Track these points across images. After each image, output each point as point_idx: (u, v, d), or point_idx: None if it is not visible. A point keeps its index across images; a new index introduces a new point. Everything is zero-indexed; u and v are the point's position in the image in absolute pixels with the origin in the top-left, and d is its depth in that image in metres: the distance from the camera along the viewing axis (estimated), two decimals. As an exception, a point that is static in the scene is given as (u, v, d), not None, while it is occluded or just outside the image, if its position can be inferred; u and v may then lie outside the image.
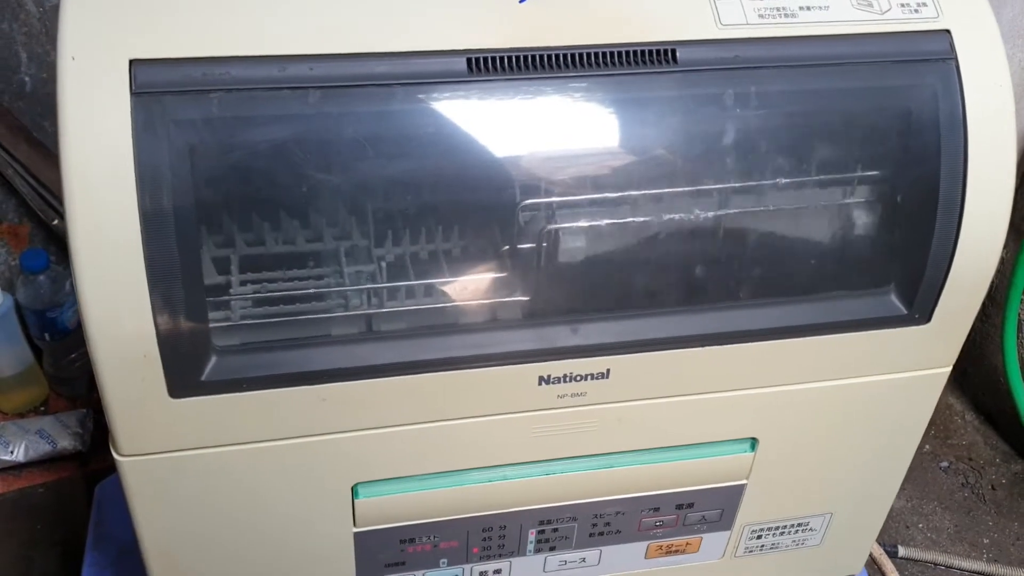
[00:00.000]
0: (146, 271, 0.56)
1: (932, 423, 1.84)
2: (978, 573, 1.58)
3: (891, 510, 1.71)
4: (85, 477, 1.27)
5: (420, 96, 0.59)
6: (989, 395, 1.89)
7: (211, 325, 0.60)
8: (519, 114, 0.60)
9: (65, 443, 1.26)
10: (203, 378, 0.60)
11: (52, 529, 1.31)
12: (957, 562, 1.59)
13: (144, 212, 0.55)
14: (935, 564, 1.59)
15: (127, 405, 0.60)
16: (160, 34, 0.55)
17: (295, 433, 0.64)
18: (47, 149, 1.22)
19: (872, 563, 1.54)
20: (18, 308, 1.27)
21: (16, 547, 1.31)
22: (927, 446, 1.84)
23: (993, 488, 1.75)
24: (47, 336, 1.30)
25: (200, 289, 0.59)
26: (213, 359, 0.60)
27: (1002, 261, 1.78)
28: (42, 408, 1.33)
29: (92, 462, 1.27)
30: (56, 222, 1.24)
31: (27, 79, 1.17)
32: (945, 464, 1.80)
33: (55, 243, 1.30)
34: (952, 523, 1.68)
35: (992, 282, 1.92)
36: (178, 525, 0.68)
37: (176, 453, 0.63)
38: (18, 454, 1.24)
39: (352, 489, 0.69)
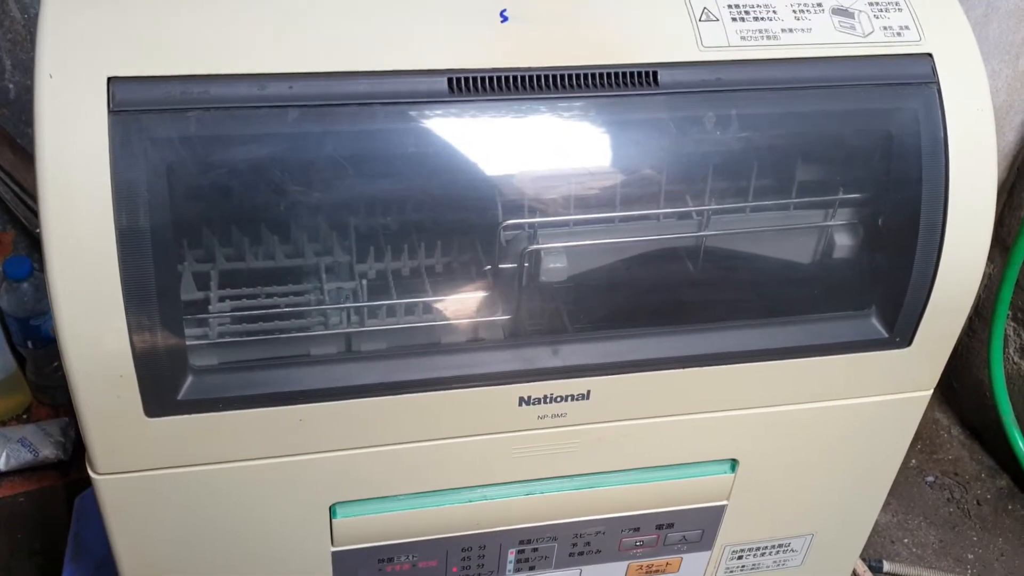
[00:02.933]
0: (122, 290, 0.55)
1: (918, 438, 1.84)
2: (963, 589, 1.58)
3: (876, 525, 1.71)
4: (66, 487, 1.26)
5: (401, 115, 0.58)
6: (975, 410, 1.90)
7: (188, 344, 0.60)
8: (500, 134, 0.60)
9: (47, 452, 1.25)
10: (179, 398, 0.60)
11: (32, 538, 1.30)
12: (942, 578, 1.58)
13: (120, 230, 0.54)
14: (920, 579, 1.59)
15: (103, 424, 0.60)
16: (138, 51, 0.55)
17: (272, 453, 0.64)
18: (30, 155, 1.21)
19: (855, 578, 1.53)
20: (1, 316, 1.26)
21: (-5, 556, 1.30)
22: (913, 460, 1.84)
23: (978, 503, 1.75)
24: (30, 344, 1.29)
25: (177, 308, 0.58)
26: (189, 379, 0.60)
27: (988, 277, 1.79)
28: (24, 416, 1.32)
29: (73, 471, 1.26)
30: (38, 230, 1.23)
31: (11, 86, 1.17)
32: (931, 479, 1.80)
33: (39, 251, 1.29)
34: (937, 538, 1.68)
35: (979, 297, 1.93)
36: (155, 543, 0.67)
37: (153, 472, 0.63)
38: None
39: (330, 509, 0.68)
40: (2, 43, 1.13)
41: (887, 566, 1.58)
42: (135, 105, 0.54)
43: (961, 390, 1.89)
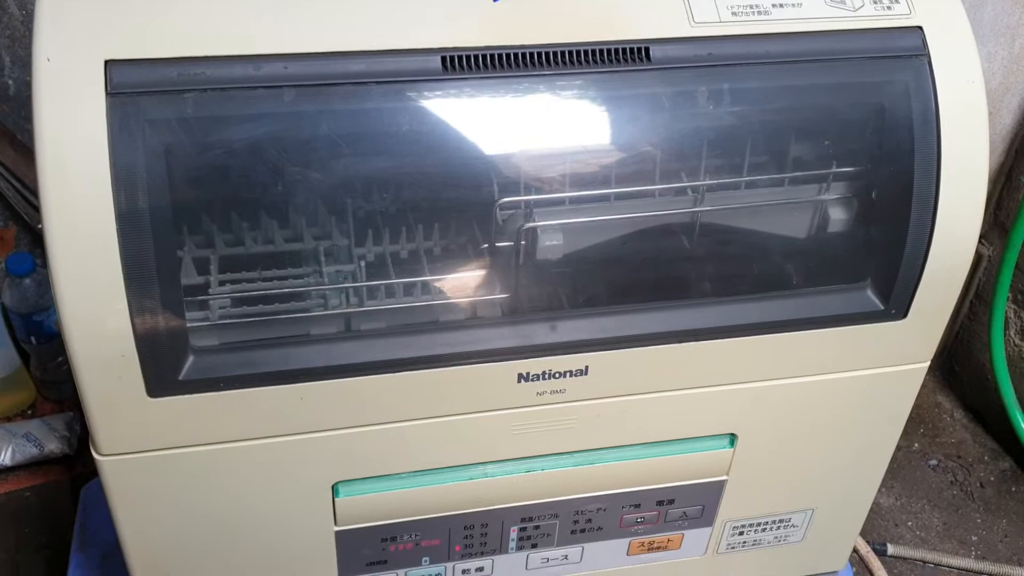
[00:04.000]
0: (123, 271, 0.56)
1: (921, 421, 1.84)
2: (967, 571, 1.58)
3: (880, 508, 1.71)
4: (72, 480, 1.27)
5: (395, 94, 0.59)
6: (977, 393, 1.90)
7: (189, 324, 0.60)
8: (494, 112, 0.61)
9: (52, 446, 1.26)
10: (181, 377, 0.60)
11: (39, 533, 1.30)
12: (946, 560, 1.59)
13: (120, 212, 0.55)
14: (924, 562, 1.60)
15: (105, 405, 0.60)
16: (135, 34, 0.55)
17: (274, 432, 0.64)
18: (32, 152, 1.21)
19: (860, 561, 1.55)
20: (4, 312, 1.27)
21: (2, 551, 1.31)
22: (916, 444, 1.84)
23: (981, 486, 1.75)
24: (33, 340, 1.30)
25: (177, 288, 0.59)
26: (191, 358, 0.60)
27: (988, 259, 1.79)
28: (29, 412, 1.33)
29: (79, 465, 1.27)
30: (40, 225, 1.24)
31: (10, 82, 1.17)
32: (934, 462, 1.80)
33: (41, 247, 1.29)
34: (941, 521, 1.69)
35: (979, 280, 1.93)
36: (159, 524, 0.68)
37: (155, 452, 0.63)
38: (5, 458, 1.24)
39: (333, 488, 0.69)
40: (1, 40, 1.14)
41: (891, 549, 1.58)
42: (133, 87, 0.55)
43: (963, 373, 1.89)
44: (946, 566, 1.58)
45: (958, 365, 1.88)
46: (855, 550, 1.53)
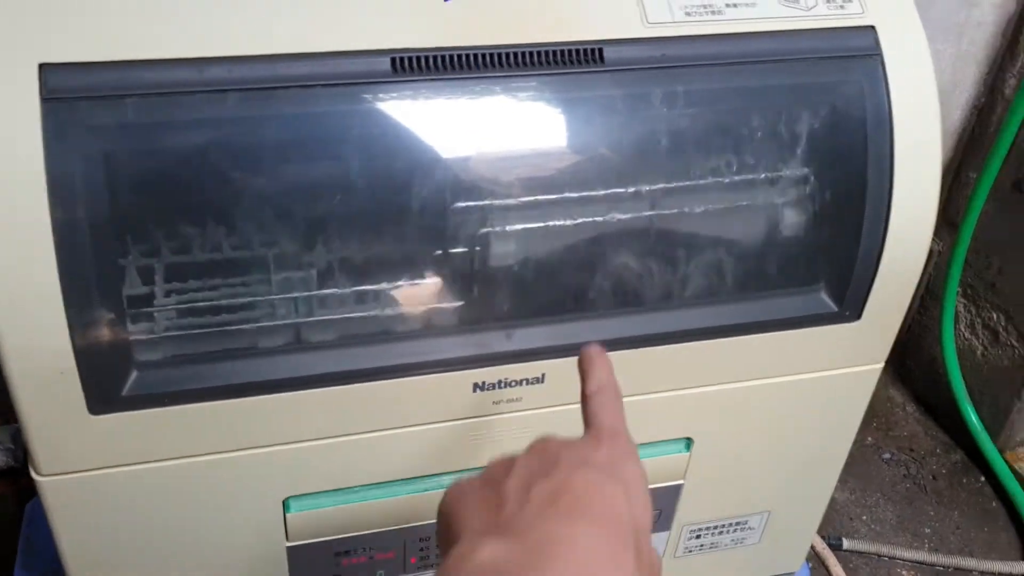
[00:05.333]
0: (60, 283, 0.54)
1: (874, 415, 1.86)
2: (920, 563, 1.61)
3: (835, 502, 1.73)
4: (18, 494, 1.23)
5: (344, 97, 0.57)
6: (929, 387, 1.92)
7: (131, 338, 0.58)
8: (446, 115, 0.59)
9: (-4, 460, 1.22)
10: (124, 393, 0.58)
11: (-16, 550, 1.27)
12: (900, 553, 1.61)
13: (57, 223, 0.53)
14: (879, 555, 1.62)
15: (45, 423, 0.58)
16: (71, 37, 0.53)
17: (223, 448, 0.63)
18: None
19: (816, 557, 1.56)
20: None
21: (-56, 567, 1.27)
22: (869, 438, 1.87)
23: (934, 478, 1.78)
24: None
25: (119, 301, 0.57)
26: (134, 373, 0.58)
27: (939, 255, 1.81)
28: (-30, 423, 1.29)
29: (24, 479, 1.24)
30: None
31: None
32: (887, 455, 1.82)
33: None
34: (895, 514, 1.71)
35: (930, 276, 1.95)
36: (104, 545, 0.65)
37: (99, 471, 0.61)
38: (-53, 471, 1.21)
39: (284, 503, 0.67)
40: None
41: (846, 543, 1.60)
42: (69, 92, 0.53)
43: (914, 367, 1.92)
44: (900, 559, 1.60)
45: (910, 359, 1.90)
46: (811, 546, 1.54)
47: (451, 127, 0.60)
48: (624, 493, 0.43)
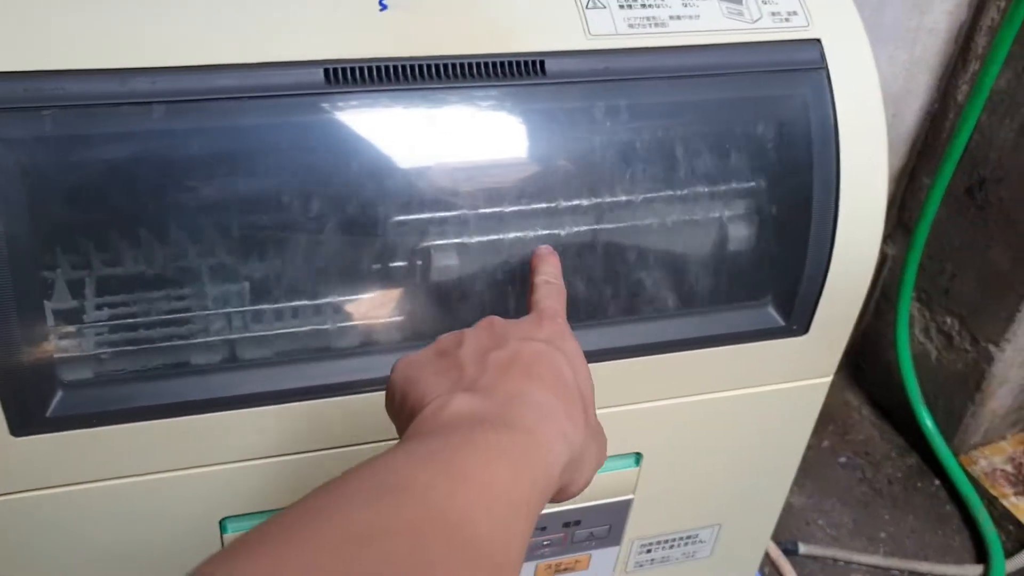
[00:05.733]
0: (-22, 302, 0.51)
1: (831, 419, 1.87)
2: (876, 567, 1.62)
3: (791, 507, 1.73)
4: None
5: (276, 109, 0.56)
6: (884, 390, 1.94)
7: (56, 356, 0.56)
8: (382, 127, 0.58)
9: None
10: (48, 414, 0.56)
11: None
12: (856, 557, 1.62)
13: (-27, 239, 0.50)
14: (835, 560, 1.62)
15: (-36, 446, 0.56)
16: (-13, 46, 0.51)
17: (155, 468, 0.61)
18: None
19: (770, 563, 1.56)
20: None
21: None
22: (826, 442, 1.87)
23: (889, 482, 1.79)
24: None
25: (41, 319, 0.55)
26: (59, 393, 0.56)
27: (892, 259, 1.82)
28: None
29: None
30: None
31: None
32: (843, 459, 1.83)
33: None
34: (851, 518, 1.72)
35: (884, 279, 1.96)
36: (32, 570, 0.63)
37: (23, 494, 0.59)
38: None
39: (220, 523, 0.65)
40: None
41: (802, 548, 1.61)
42: (-16, 104, 0.51)
43: (870, 371, 1.93)
44: (856, 563, 1.61)
45: (865, 363, 1.91)
46: (766, 553, 1.55)
47: (388, 140, 0.58)
48: (568, 363, 0.47)
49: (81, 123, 0.52)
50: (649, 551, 0.80)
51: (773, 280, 0.66)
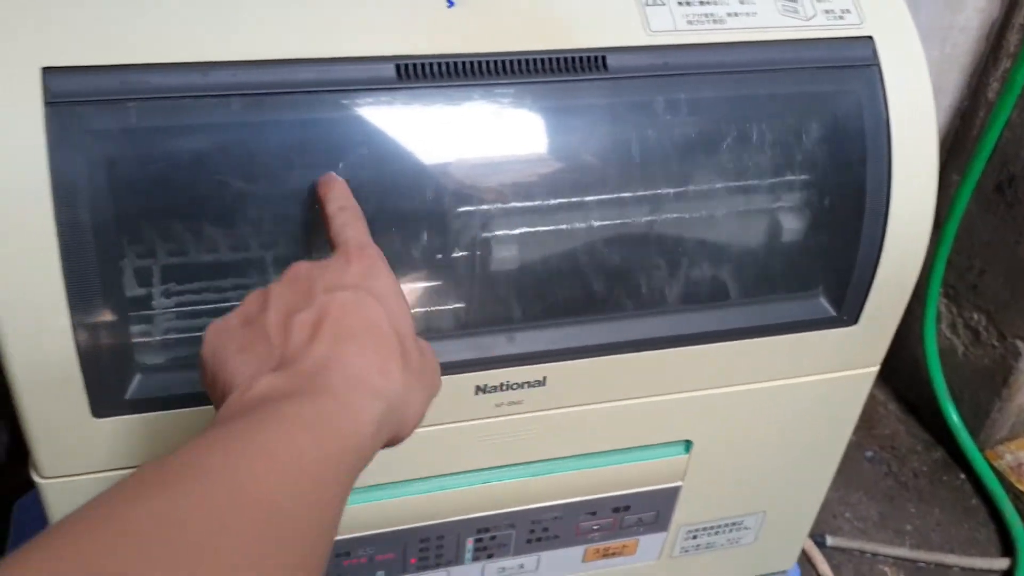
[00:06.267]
0: (65, 288, 0.53)
1: (857, 414, 1.88)
2: (902, 559, 1.63)
3: (819, 500, 1.74)
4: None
5: (348, 103, 0.57)
6: (911, 386, 1.94)
7: (135, 341, 0.58)
8: (450, 121, 0.59)
9: (-24, 458, 1.21)
10: (127, 396, 0.58)
11: (-36, 553, 1.26)
12: (882, 549, 1.63)
13: (61, 226, 0.53)
14: (861, 552, 1.64)
15: (48, 426, 0.58)
16: (74, 40, 0.53)
17: (224, 450, 0.62)
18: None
19: (803, 554, 1.58)
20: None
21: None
22: (852, 437, 1.88)
23: (915, 476, 1.80)
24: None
25: (123, 305, 0.57)
26: (137, 377, 0.58)
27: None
28: (-50, 421, 1.28)
29: (9, 477, 1.23)
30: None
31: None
32: (870, 453, 1.84)
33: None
34: (877, 511, 1.73)
35: (912, 276, 1.94)
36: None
37: (101, 474, 0.61)
38: (-74, 469, 1.20)
39: (284, 504, 0.67)
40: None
41: (830, 540, 1.62)
42: (72, 96, 0.53)
43: (897, 366, 1.93)
44: (882, 555, 1.62)
45: (892, 358, 1.92)
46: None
47: (453, 133, 0.60)
48: (380, 307, 0.45)
49: (163, 115, 0.54)
50: (695, 537, 0.82)
51: (824, 271, 0.68)
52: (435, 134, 0.59)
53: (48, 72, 0.52)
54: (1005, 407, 1.73)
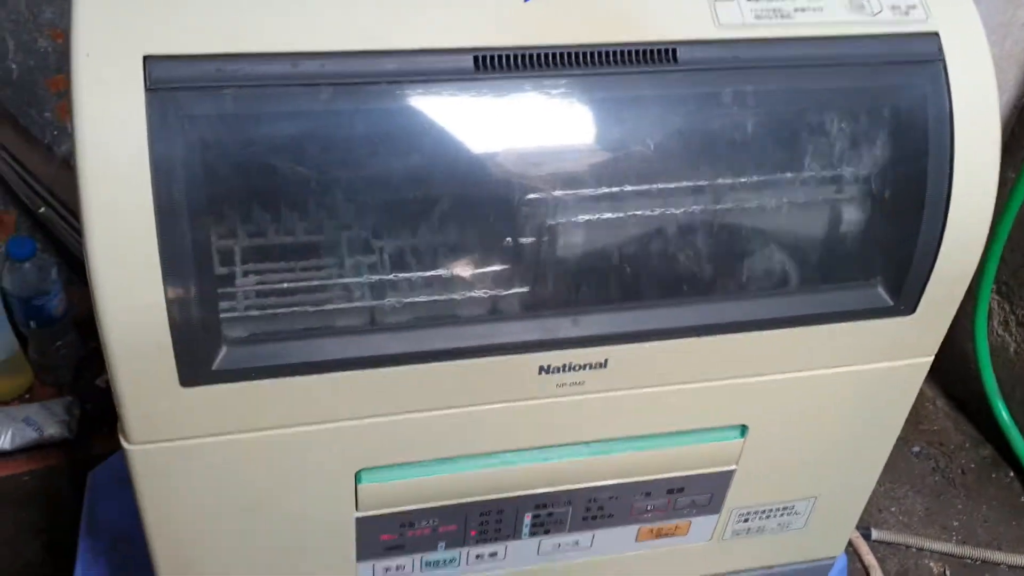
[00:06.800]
0: (160, 263, 0.57)
1: (904, 409, 1.87)
2: (947, 555, 1.63)
3: (865, 494, 1.74)
4: (72, 465, 1.28)
5: (428, 93, 0.60)
6: (960, 382, 1.93)
7: (222, 316, 0.61)
8: (524, 111, 0.62)
9: (52, 431, 1.26)
10: (214, 368, 0.61)
11: (38, 517, 1.31)
12: (927, 544, 1.63)
13: (159, 206, 0.56)
14: (907, 546, 1.64)
15: (138, 394, 0.61)
16: (174, 30, 0.56)
17: (301, 421, 0.66)
18: (32, 136, 1.22)
19: (849, 545, 1.58)
20: (3, 296, 1.28)
21: (1, 534, 1.32)
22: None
23: (963, 472, 1.80)
24: (33, 324, 1.30)
25: (212, 281, 0.60)
26: (224, 349, 0.61)
27: (974, 251, 1.81)
28: (27, 396, 1.33)
29: (79, 450, 1.28)
30: (42, 210, 1.25)
31: (14, 66, 1.17)
32: (917, 449, 1.84)
33: (41, 231, 1.30)
34: (923, 506, 1.73)
35: (964, 272, 1.93)
36: (185, 511, 0.69)
37: (185, 441, 0.64)
38: (4, 442, 1.25)
39: (356, 475, 0.70)
40: (5, 24, 1.14)
41: (875, 534, 1.62)
42: (171, 83, 0.56)
43: (946, 362, 1.92)
44: (928, 550, 1.62)
45: (942, 354, 1.91)
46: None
47: (527, 123, 0.62)
48: None
49: (257, 102, 0.57)
50: (746, 520, 0.84)
51: (883, 261, 0.69)
52: (509, 124, 0.62)
53: (149, 60, 0.55)
54: (1056, 406, 1.71)
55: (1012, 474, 1.81)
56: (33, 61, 1.16)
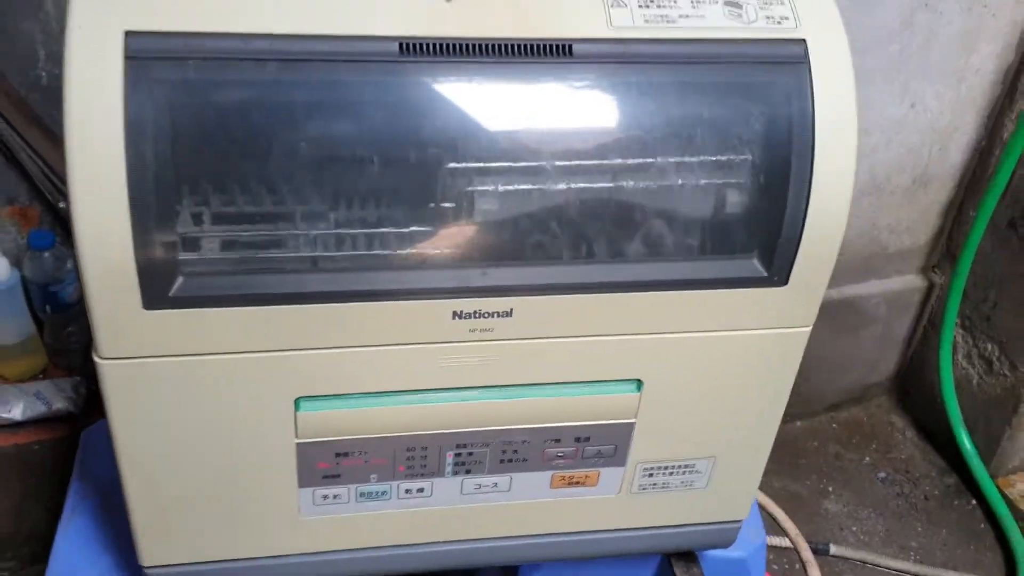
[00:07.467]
0: (129, 206, 0.69)
1: (874, 437, 1.94)
2: (904, 572, 1.67)
3: (828, 512, 1.80)
4: (76, 438, 1.38)
5: (359, 73, 0.72)
6: (928, 413, 1.98)
7: (180, 252, 0.73)
8: (443, 91, 0.74)
9: (59, 405, 1.36)
10: (171, 294, 0.73)
11: (44, 484, 1.41)
12: (885, 561, 1.68)
13: (130, 156, 0.68)
14: (864, 563, 1.69)
15: (108, 314, 0.73)
16: (151, 12, 0.69)
17: (249, 347, 0.77)
18: (56, 136, 1.34)
19: (799, 561, 1.63)
20: (24, 283, 1.39)
21: (9, 498, 1.42)
22: (867, 458, 1.93)
23: (926, 498, 1.84)
24: (48, 308, 1.41)
25: (173, 222, 0.72)
26: (180, 279, 0.73)
27: (939, 287, 1.90)
28: (41, 377, 1.44)
29: (83, 424, 1.39)
30: (61, 204, 1.37)
31: (43, 74, 1.29)
32: (883, 475, 1.89)
33: (61, 224, 1.42)
34: (884, 528, 1.77)
35: (931, 306, 2.01)
36: (146, 425, 0.80)
37: (147, 359, 0.76)
38: (16, 413, 1.36)
39: (295, 402, 0.81)
40: (38, 36, 1.27)
41: (833, 549, 1.68)
42: (146, 54, 0.69)
43: (915, 394, 1.99)
44: (885, 567, 1.67)
45: (911, 387, 1.98)
46: (797, 554, 1.62)
47: (447, 101, 0.74)
48: None
49: (214, 71, 0.70)
50: (651, 475, 0.93)
51: (758, 236, 0.79)
52: (430, 101, 0.74)
53: (129, 34, 0.68)
54: (1016, 436, 1.77)
55: (974, 502, 1.86)
56: (59, 70, 1.29)
